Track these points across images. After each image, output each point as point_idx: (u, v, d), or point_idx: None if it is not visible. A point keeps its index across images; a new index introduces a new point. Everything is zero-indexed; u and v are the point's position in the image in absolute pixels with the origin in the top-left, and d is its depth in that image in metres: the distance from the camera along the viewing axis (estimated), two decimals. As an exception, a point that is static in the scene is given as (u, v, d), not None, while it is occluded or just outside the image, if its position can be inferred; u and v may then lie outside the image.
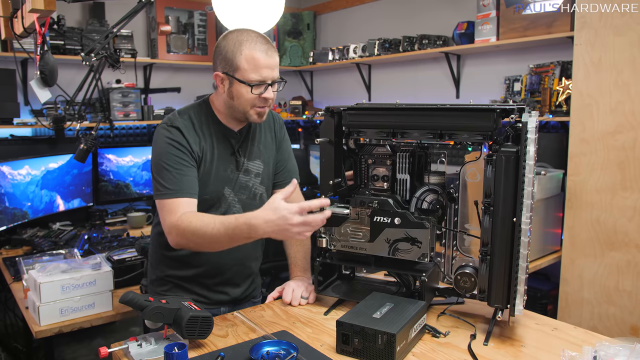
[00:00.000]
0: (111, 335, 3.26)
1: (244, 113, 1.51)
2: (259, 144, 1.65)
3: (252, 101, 1.48)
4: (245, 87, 1.46)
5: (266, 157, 1.67)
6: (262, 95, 1.47)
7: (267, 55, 1.46)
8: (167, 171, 1.45)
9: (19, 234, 2.79)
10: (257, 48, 1.45)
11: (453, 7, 3.43)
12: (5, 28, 2.20)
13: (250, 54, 1.45)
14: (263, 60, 1.45)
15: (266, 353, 1.14)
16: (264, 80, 1.46)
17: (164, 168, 1.46)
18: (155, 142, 1.51)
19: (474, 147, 1.32)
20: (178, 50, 3.75)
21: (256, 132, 1.65)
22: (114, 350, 1.20)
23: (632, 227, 2.14)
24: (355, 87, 4.19)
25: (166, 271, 1.62)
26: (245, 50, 1.45)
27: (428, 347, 1.24)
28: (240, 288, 1.67)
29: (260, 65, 1.45)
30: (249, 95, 1.47)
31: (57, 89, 2.20)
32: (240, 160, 1.59)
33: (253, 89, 1.46)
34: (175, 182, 1.45)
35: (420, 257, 1.35)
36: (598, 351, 1.08)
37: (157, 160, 1.48)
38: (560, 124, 2.92)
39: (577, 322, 2.16)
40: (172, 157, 1.46)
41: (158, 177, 1.46)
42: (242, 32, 1.49)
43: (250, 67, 1.45)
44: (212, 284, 1.62)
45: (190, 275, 1.60)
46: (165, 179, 1.45)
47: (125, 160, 3.41)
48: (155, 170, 1.48)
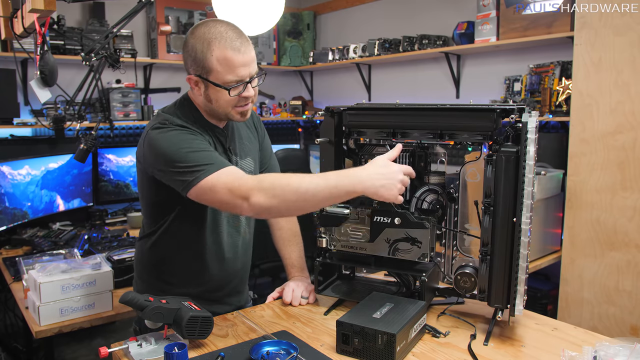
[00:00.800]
0: (111, 335, 3.26)
1: (225, 115, 1.41)
2: (245, 140, 1.57)
3: (232, 102, 1.37)
4: (222, 90, 1.34)
5: (254, 154, 1.60)
6: (242, 95, 1.37)
7: (240, 53, 1.32)
8: (197, 153, 1.27)
9: (19, 234, 2.79)
10: (228, 45, 1.31)
11: (453, 7, 3.43)
12: (5, 28, 2.19)
13: (222, 54, 1.31)
14: (237, 59, 1.32)
15: (266, 353, 1.14)
16: (242, 79, 1.34)
17: (192, 152, 1.27)
18: (156, 143, 1.32)
19: (474, 147, 1.32)
20: (178, 50, 3.75)
21: (239, 128, 1.56)
22: (114, 350, 1.20)
23: (632, 227, 2.14)
24: (355, 87, 4.19)
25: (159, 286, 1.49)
26: (215, 49, 1.31)
27: (428, 347, 1.24)
28: (244, 294, 1.66)
29: (234, 65, 1.32)
30: (227, 98, 1.35)
31: (57, 89, 2.20)
32: (232, 159, 1.49)
33: (231, 91, 1.34)
34: (214, 157, 1.28)
35: (420, 257, 1.35)
36: (598, 351, 1.08)
37: (174, 152, 1.28)
38: (560, 124, 2.92)
39: (577, 322, 2.16)
40: (192, 141, 1.30)
41: (187, 163, 1.25)
42: (209, 26, 1.34)
43: (224, 69, 1.32)
44: (218, 297, 1.56)
45: (188, 293, 1.45)
46: (199, 159, 1.26)
47: (125, 160, 3.41)
48: (173, 163, 1.27)
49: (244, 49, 1.33)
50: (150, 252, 1.51)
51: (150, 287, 1.51)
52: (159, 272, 1.52)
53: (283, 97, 4.55)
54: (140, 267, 1.57)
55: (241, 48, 1.33)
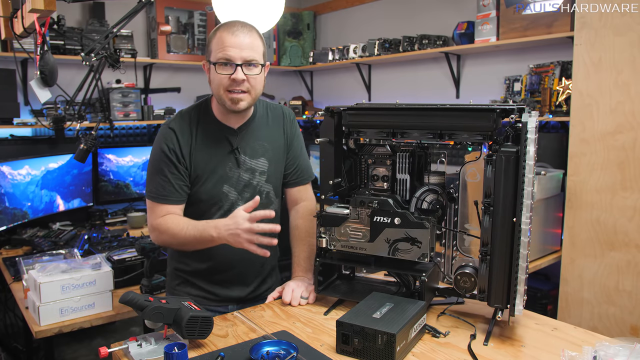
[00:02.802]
0: (111, 335, 3.27)
1: (220, 100, 1.50)
2: (262, 140, 1.62)
3: (223, 84, 1.46)
4: (213, 71, 1.47)
5: (273, 154, 1.63)
6: (231, 77, 1.44)
7: (233, 35, 1.44)
8: (155, 176, 1.53)
9: (19, 234, 2.79)
10: (228, 29, 1.45)
11: (453, 7, 3.43)
12: (5, 28, 2.20)
13: (220, 35, 1.46)
14: (228, 39, 1.44)
15: (266, 353, 1.14)
16: (230, 60, 1.44)
17: (154, 172, 1.54)
18: (154, 142, 1.57)
19: (474, 147, 1.32)
20: (178, 50, 3.75)
21: (260, 128, 1.62)
22: (114, 350, 1.20)
23: (632, 227, 2.14)
24: (355, 87, 4.19)
25: (175, 265, 1.66)
26: (217, 33, 1.47)
27: (428, 347, 1.24)
28: (249, 287, 1.66)
29: (225, 43, 1.44)
30: (217, 78, 1.46)
31: (57, 89, 2.20)
32: (240, 158, 1.57)
33: (217, 67, 1.45)
34: (160, 188, 1.52)
35: (420, 257, 1.35)
36: (598, 351, 1.08)
37: (151, 161, 1.57)
38: (560, 124, 2.92)
39: (577, 322, 2.16)
40: (163, 163, 1.52)
41: (148, 177, 1.56)
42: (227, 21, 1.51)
43: (216, 48, 1.46)
44: (220, 280, 1.62)
45: (198, 270, 1.62)
46: (153, 182, 1.53)
47: (125, 160, 3.41)
48: (148, 168, 1.58)
49: (239, 33, 1.45)
50: None
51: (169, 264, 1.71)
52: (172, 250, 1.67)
53: (283, 97, 4.55)
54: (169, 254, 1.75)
55: (237, 32, 1.45)
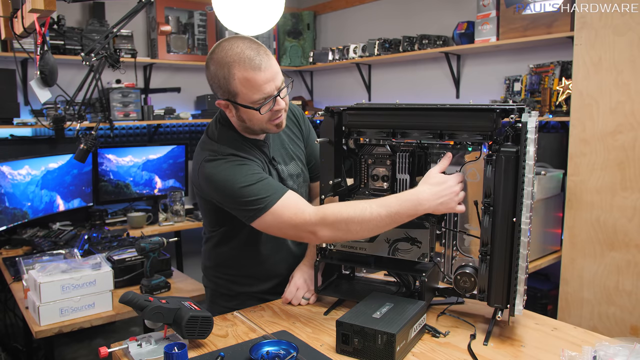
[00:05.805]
0: (111, 335, 3.27)
1: (261, 129, 1.43)
2: (288, 144, 1.59)
3: (265, 118, 1.38)
4: (252, 110, 1.35)
5: (298, 155, 1.61)
6: (274, 109, 1.37)
7: (261, 70, 1.31)
8: (252, 186, 1.32)
9: (19, 234, 2.79)
10: (248, 66, 1.31)
11: (453, 7, 3.43)
12: (5, 28, 2.20)
13: (244, 76, 1.31)
14: (259, 78, 1.31)
15: (266, 353, 1.14)
16: (269, 95, 1.34)
17: (247, 186, 1.32)
18: (213, 178, 1.36)
19: (474, 147, 1.32)
20: (178, 50, 3.75)
21: (280, 133, 1.55)
22: (114, 350, 1.20)
23: (632, 227, 2.14)
24: (355, 87, 4.19)
25: (234, 289, 1.59)
26: (237, 73, 1.31)
27: (428, 347, 1.24)
28: None
29: (258, 84, 1.32)
30: (259, 116, 1.36)
31: (57, 89, 2.20)
32: (279, 168, 1.52)
33: (261, 110, 1.34)
34: (270, 187, 1.33)
35: (420, 257, 1.35)
36: (598, 351, 1.08)
37: (230, 188, 1.33)
38: (560, 124, 2.92)
39: (577, 322, 2.16)
40: (246, 173, 1.35)
41: (245, 198, 1.32)
42: (226, 48, 1.33)
43: (249, 90, 1.32)
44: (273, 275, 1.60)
45: (260, 290, 1.58)
46: (256, 192, 1.31)
47: (125, 160, 3.41)
48: (234, 199, 1.34)
49: (264, 65, 1.32)
50: (214, 248, 1.59)
51: (217, 286, 1.62)
52: (222, 271, 1.60)
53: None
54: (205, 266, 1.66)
55: (261, 65, 1.32)
